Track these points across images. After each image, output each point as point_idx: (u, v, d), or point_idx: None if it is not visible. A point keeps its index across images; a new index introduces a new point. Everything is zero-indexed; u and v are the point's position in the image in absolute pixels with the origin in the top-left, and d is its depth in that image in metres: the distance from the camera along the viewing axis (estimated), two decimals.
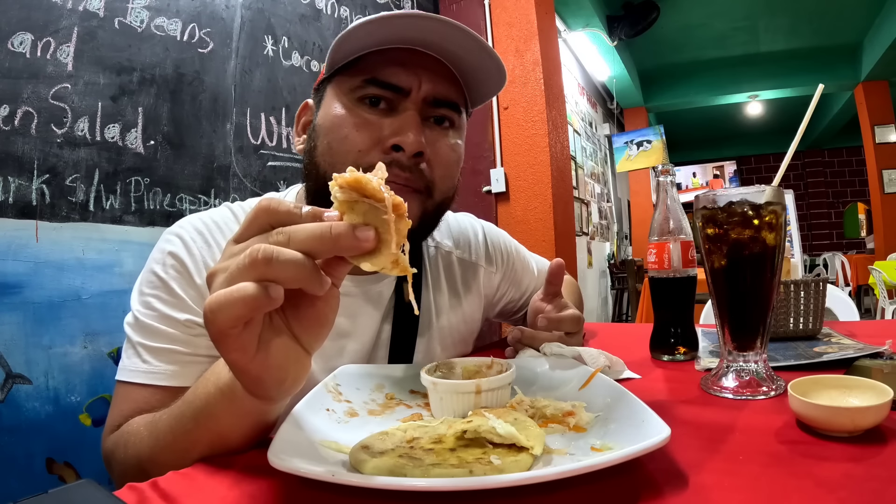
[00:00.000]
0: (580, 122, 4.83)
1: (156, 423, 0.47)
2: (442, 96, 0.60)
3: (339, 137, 0.57)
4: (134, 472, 0.47)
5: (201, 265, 0.59)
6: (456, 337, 0.77)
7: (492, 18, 2.42)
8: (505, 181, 2.36)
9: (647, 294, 2.82)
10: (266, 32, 1.69)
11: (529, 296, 0.89)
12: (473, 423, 0.38)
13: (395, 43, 0.57)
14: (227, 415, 0.41)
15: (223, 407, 0.41)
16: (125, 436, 0.50)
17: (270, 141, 1.68)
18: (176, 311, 0.56)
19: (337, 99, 0.59)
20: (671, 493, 0.32)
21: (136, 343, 0.56)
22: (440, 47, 0.58)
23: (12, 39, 1.11)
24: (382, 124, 0.57)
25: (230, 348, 0.33)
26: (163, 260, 0.59)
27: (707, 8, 4.80)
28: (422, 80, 0.58)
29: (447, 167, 0.61)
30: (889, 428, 0.39)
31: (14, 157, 1.10)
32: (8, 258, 1.08)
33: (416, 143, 0.56)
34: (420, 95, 0.58)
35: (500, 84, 0.63)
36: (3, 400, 1.06)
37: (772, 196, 0.52)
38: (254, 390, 0.37)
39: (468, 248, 0.81)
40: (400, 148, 0.56)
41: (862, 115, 5.80)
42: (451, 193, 0.64)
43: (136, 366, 0.55)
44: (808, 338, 0.77)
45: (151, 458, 0.45)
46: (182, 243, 0.60)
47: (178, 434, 0.43)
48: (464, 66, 0.60)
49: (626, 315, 5.10)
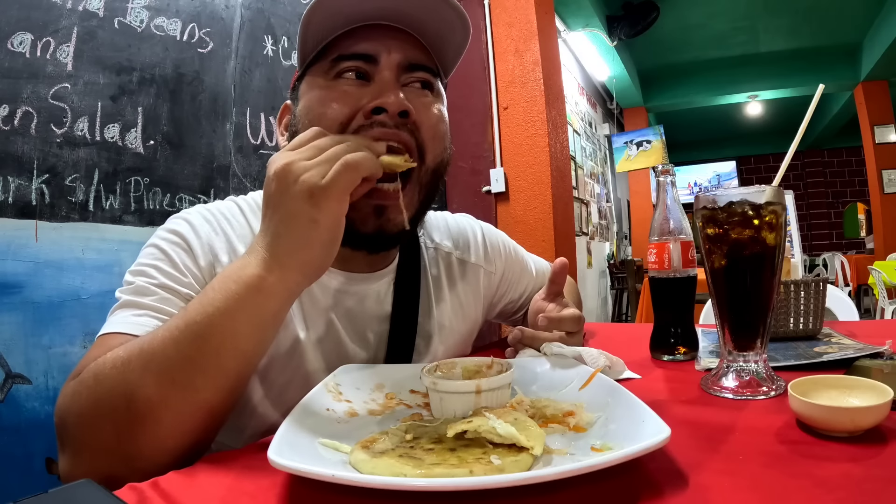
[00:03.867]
0: (580, 122, 4.83)
1: (147, 346, 0.43)
2: (415, 60, 0.60)
3: (319, 115, 0.57)
4: (107, 409, 0.42)
5: (207, 248, 0.59)
6: (455, 337, 0.77)
7: (492, 18, 2.42)
8: (505, 181, 2.35)
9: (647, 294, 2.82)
10: (266, 32, 1.69)
11: (528, 296, 0.89)
12: (473, 423, 0.38)
13: (357, 21, 0.58)
14: (252, 307, 0.44)
15: (249, 299, 0.44)
16: (93, 372, 0.44)
17: (270, 141, 1.68)
18: (175, 283, 0.55)
19: (314, 82, 0.60)
20: (671, 493, 0.32)
21: (126, 302, 0.53)
22: (402, 14, 0.58)
23: (12, 39, 1.11)
24: (361, 93, 0.57)
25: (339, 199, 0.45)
26: (167, 237, 0.59)
27: (707, 8, 4.80)
28: (390, 47, 0.58)
29: (435, 127, 0.60)
30: (889, 428, 0.39)
31: (14, 157, 1.10)
32: (8, 258, 1.08)
33: (397, 102, 0.55)
34: (392, 61, 0.58)
35: (465, 35, 0.61)
36: (3, 400, 1.06)
37: (772, 196, 0.52)
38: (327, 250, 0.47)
39: (468, 249, 0.81)
40: (382, 110, 0.56)
41: (862, 115, 5.79)
42: (445, 160, 0.63)
43: (125, 318, 0.51)
44: (808, 338, 0.77)
45: (142, 385, 0.41)
46: (189, 225, 0.60)
47: (186, 346, 0.42)
48: (427, 31, 0.60)
49: (626, 315, 5.10)
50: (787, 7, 4.82)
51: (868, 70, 5.43)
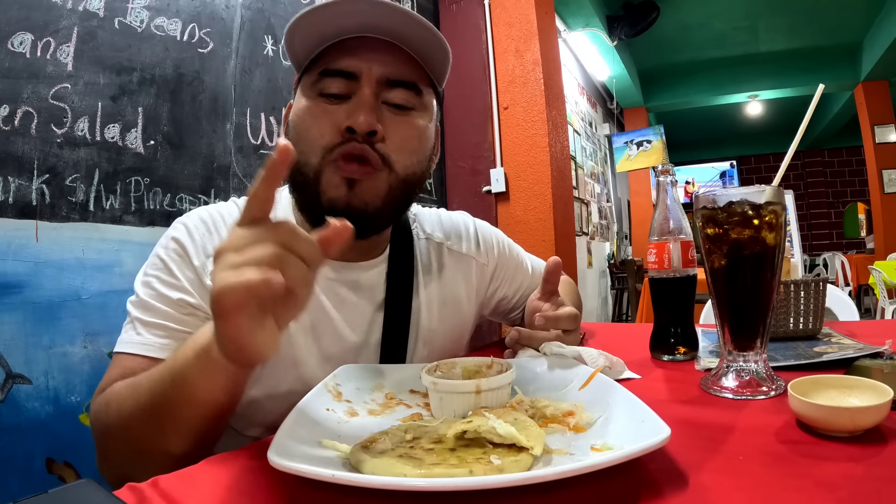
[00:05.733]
0: (580, 122, 4.83)
1: (136, 386, 0.51)
2: (395, 76, 0.62)
3: (304, 129, 0.61)
4: (115, 430, 0.51)
5: (200, 249, 0.63)
6: (448, 325, 0.77)
7: (492, 18, 2.42)
8: (505, 181, 2.35)
9: (647, 294, 2.82)
10: (266, 32, 1.69)
11: (524, 294, 0.90)
12: (473, 423, 0.38)
13: (340, 36, 0.61)
14: (202, 377, 0.44)
15: (198, 369, 0.44)
16: (108, 396, 0.54)
17: (270, 141, 1.68)
18: (171, 291, 0.60)
19: (303, 94, 0.64)
20: (671, 493, 0.32)
21: (133, 318, 0.60)
22: (383, 29, 0.60)
23: (12, 39, 1.11)
24: (339, 111, 0.60)
25: (229, 324, 0.37)
26: (166, 244, 0.64)
27: (707, 8, 4.79)
28: (372, 63, 0.61)
29: (403, 142, 0.62)
30: (889, 428, 0.39)
31: (14, 157, 1.10)
32: (8, 258, 1.08)
33: (365, 122, 0.58)
34: (373, 77, 0.60)
35: (445, 56, 0.64)
36: (3, 400, 1.06)
37: (772, 196, 0.52)
38: (236, 357, 0.40)
39: (459, 240, 0.82)
40: (353, 129, 0.59)
41: (862, 115, 5.79)
42: (419, 170, 0.65)
43: (131, 338, 0.59)
44: (808, 338, 0.77)
45: (132, 417, 0.49)
46: (185, 230, 0.65)
47: (156, 396, 0.47)
48: (412, 43, 0.62)
49: (626, 315, 5.10)
50: (787, 7, 4.81)
51: (868, 70, 5.43)
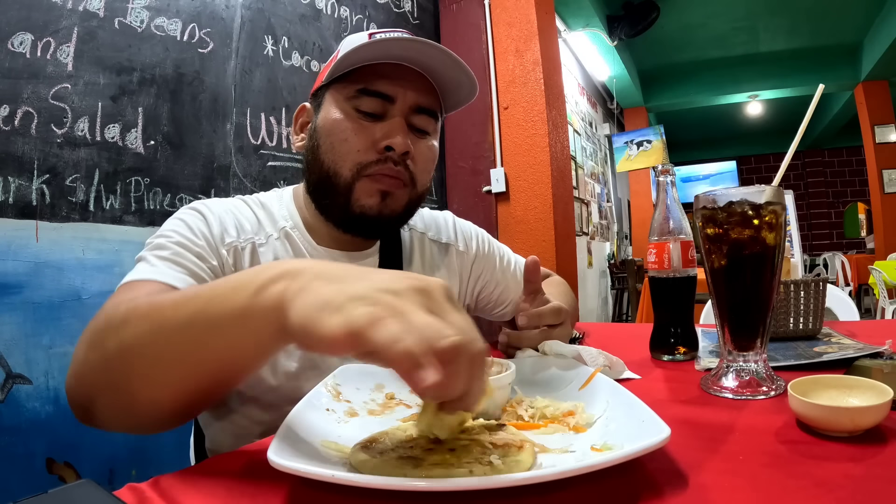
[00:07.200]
0: (580, 122, 4.83)
1: (161, 309, 0.42)
2: (423, 104, 0.70)
3: (341, 139, 0.68)
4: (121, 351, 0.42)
5: (217, 220, 0.67)
6: None
7: (492, 18, 2.42)
8: (505, 181, 2.35)
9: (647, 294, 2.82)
10: (266, 32, 1.69)
11: (506, 290, 0.92)
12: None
13: (383, 59, 0.68)
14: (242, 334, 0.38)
15: (240, 325, 0.38)
16: (126, 308, 0.44)
17: (270, 141, 1.68)
18: (192, 236, 0.63)
19: (336, 104, 0.69)
20: (671, 493, 0.32)
21: (144, 257, 0.60)
22: (420, 62, 0.69)
23: (12, 39, 1.11)
24: (375, 129, 0.68)
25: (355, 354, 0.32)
26: (185, 211, 0.68)
27: (707, 8, 4.79)
28: (407, 90, 0.69)
29: (426, 163, 0.73)
30: (889, 428, 0.39)
31: (14, 157, 1.10)
32: (8, 258, 1.08)
33: (403, 144, 0.68)
34: (407, 102, 0.69)
35: (471, 94, 0.74)
36: (3, 400, 1.06)
37: (772, 196, 0.52)
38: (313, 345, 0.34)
39: (438, 231, 0.88)
40: (391, 148, 0.67)
41: (862, 114, 5.79)
42: (428, 185, 0.77)
43: (142, 270, 0.57)
44: (808, 338, 0.77)
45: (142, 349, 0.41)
46: (203, 204, 0.70)
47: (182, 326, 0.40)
48: (439, 79, 0.71)
49: (626, 315, 5.10)
50: (787, 7, 4.81)
51: (868, 70, 5.43)
